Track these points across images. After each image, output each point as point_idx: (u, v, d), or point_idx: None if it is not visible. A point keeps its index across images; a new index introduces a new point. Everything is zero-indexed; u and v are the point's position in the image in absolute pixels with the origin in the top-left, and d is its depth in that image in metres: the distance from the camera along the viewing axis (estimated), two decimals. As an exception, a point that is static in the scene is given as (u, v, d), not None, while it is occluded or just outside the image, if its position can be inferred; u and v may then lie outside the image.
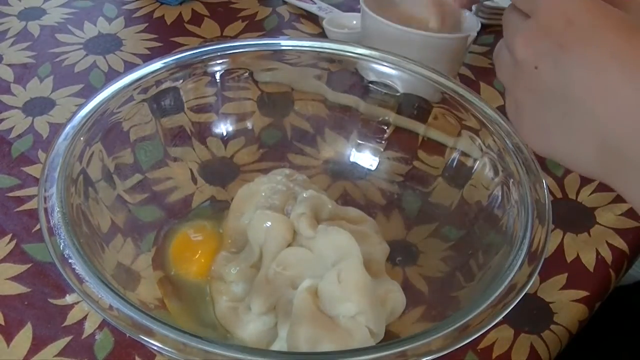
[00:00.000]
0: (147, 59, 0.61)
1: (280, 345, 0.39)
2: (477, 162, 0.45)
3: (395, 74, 0.49)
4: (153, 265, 0.44)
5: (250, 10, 0.76)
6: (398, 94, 0.50)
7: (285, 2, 0.77)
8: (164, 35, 0.71)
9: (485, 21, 0.71)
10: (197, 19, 0.73)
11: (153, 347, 0.31)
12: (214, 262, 0.44)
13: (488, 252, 0.41)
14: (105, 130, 0.43)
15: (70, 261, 0.34)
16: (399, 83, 0.49)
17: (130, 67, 0.56)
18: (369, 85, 0.50)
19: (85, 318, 0.44)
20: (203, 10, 0.75)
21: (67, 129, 0.41)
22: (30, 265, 0.47)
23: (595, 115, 0.28)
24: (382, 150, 0.51)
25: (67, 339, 0.43)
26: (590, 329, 0.49)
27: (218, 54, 0.49)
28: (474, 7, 0.70)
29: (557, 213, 0.45)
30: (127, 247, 0.43)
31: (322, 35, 0.71)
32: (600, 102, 0.28)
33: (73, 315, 0.44)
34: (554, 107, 0.30)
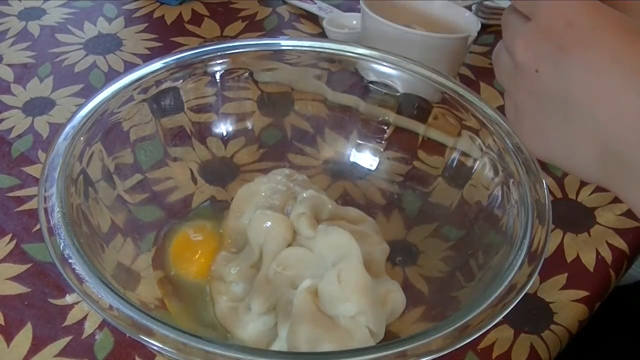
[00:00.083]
0: (147, 59, 0.61)
1: (280, 345, 0.39)
2: (477, 162, 0.45)
3: (395, 74, 0.49)
4: (153, 265, 0.44)
5: (250, 10, 0.76)
6: (398, 94, 0.50)
7: (285, 2, 0.77)
8: (164, 35, 0.71)
9: (485, 21, 0.71)
10: (197, 19, 0.73)
11: (153, 347, 0.31)
12: (214, 262, 0.44)
13: (488, 252, 0.41)
14: (105, 130, 0.43)
15: (70, 261, 0.34)
16: (399, 83, 0.49)
17: (130, 67, 0.56)
18: (369, 85, 0.50)
19: (85, 318, 0.44)
20: (203, 10, 0.75)
21: (67, 129, 0.41)
22: (30, 265, 0.47)
23: (595, 119, 0.28)
24: (382, 150, 0.51)
25: (67, 339, 0.43)
26: (590, 329, 0.49)
27: (218, 54, 0.49)
28: (474, 7, 0.70)
29: (557, 213, 0.45)
30: (127, 247, 0.43)
31: (322, 35, 0.71)
32: (600, 106, 0.27)
33: (73, 315, 0.44)
34: (553, 110, 0.30)
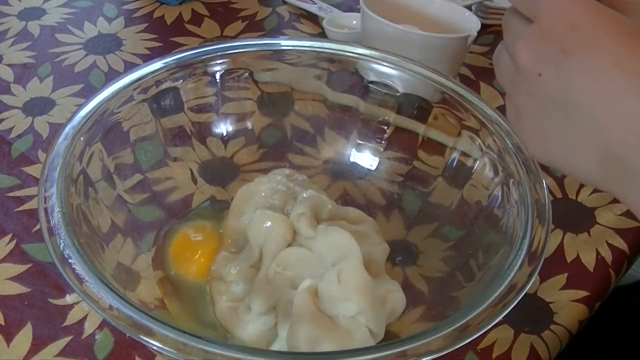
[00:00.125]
0: (147, 59, 0.61)
1: (280, 345, 0.39)
2: (477, 162, 0.45)
3: (395, 74, 0.49)
4: (153, 265, 0.44)
5: (250, 10, 0.76)
6: (398, 94, 0.50)
7: (285, 2, 0.77)
8: (164, 35, 0.71)
9: (485, 21, 0.71)
10: (197, 19, 0.73)
11: (153, 347, 0.31)
12: (214, 262, 0.44)
13: (488, 252, 0.41)
14: (105, 130, 0.43)
15: (70, 261, 0.34)
16: (399, 83, 0.49)
17: (130, 67, 0.56)
18: (369, 85, 0.50)
19: (85, 318, 0.44)
20: (203, 10, 0.75)
21: (67, 129, 0.41)
22: (30, 265, 0.47)
23: (597, 122, 0.28)
24: (382, 150, 0.51)
25: (67, 339, 0.43)
26: (590, 329, 0.49)
27: (218, 54, 0.49)
28: (473, 7, 0.70)
29: (557, 213, 0.45)
30: (127, 247, 0.43)
31: (322, 35, 0.71)
32: (602, 109, 0.27)
33: (73, 315, 0.44)
34: (555, 113, 0.30)
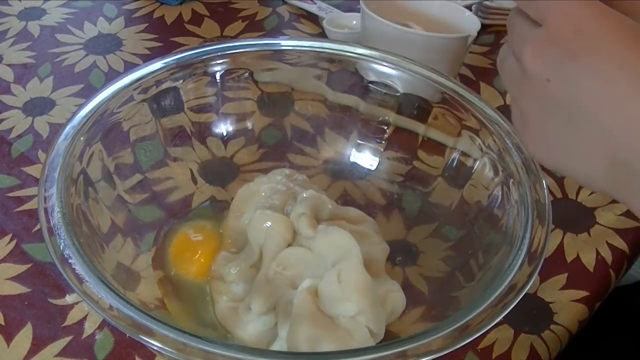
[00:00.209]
0: (147, 59, 0.61)
1: (280, 345, 0.39)
2: (477, 162, 0.45)
3: (395, 74, 0.49)
4: (153, 265, 0.44)
5: (250, 10, 0.76)
6: (398, 94, 0.50)
7: (285, 2, 0.77)
8: (164, 35, 0.71)
9: (485, 21, 0.71)
10: (197, 19, 0.73)
11: (153, 347, 0.31)
12: (214, 262, 0.44)
13: (488, 252, 0.41)
14: (105, 130, 0.43)
15: (70, 261, 0.34)
16: (399, 83, 0.49)
17: (130, 67, 0.56)
18: (369, 85, 0.50)
19: (85, 318, 0.44)
20: (203, 10, 0.75)
21: (67, 129, 0.41)
22: (30, 265, 0.47)
23: (603, 128, 0.27)
24: (382, 150, 0.51)
25: (67, 339, 0.43)
26: (590, 329, 0.49)
27: (218, 54, 0.49)
28: (473, 7, 0.70)
29: (557, 213, 0.45)
30: (127, 247, 0.43)
31: (322, 35, 0.71)
32: (608, 115, 0.27)
33: (73, 315, 0.44)
34: (561, 118, 0.29)
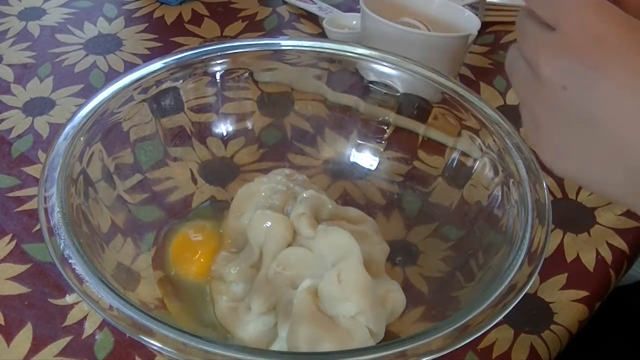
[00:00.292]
0: (147, 59, 0.61)
1: (280, 345, 0.39)
2: (477, 162, 0.45)
3: (395, 74, 0.49)
4: (153, 265, 0.44)
5: (250, 10, 0.76)
6: (398, 94, 0.50)
7: (285, 2, 0.77)
8: (164, 35, 0.71)
9: (484, 19, 0.71)
10: (197, 19, 0.73)
11: (153, 347, 0.31)
12: (214, 262, 0.44)
13: (488, 252, 0.41)
14: (105, 130, 0.43)
15: (70, 261, 0.34)
16: (399, 83, 0.49)
17: (130, 67, 0.56)
18: (369, 85, 0.50)
19: (85, 318, 0.44)
20: (203, 10, 0.75)
21: (67, 129, 0.41)
22: (30, 265, 0.47)
23: (623, 140, 0.27)
24: (382, 150, 0.51)
25: (67, 339, 0.43)
26: (590, 329, 0.49)
27: (218, 54, 0.49)
28: (480, 8, 0.70)
29: (557, 213, 0.45)
30: (127, 247, 0.43)
31: (322, 35, 0.71)
32: (628, 126, 0.27)
33: (73, 315, 0.44)
34: (577, 126, 0.28)
